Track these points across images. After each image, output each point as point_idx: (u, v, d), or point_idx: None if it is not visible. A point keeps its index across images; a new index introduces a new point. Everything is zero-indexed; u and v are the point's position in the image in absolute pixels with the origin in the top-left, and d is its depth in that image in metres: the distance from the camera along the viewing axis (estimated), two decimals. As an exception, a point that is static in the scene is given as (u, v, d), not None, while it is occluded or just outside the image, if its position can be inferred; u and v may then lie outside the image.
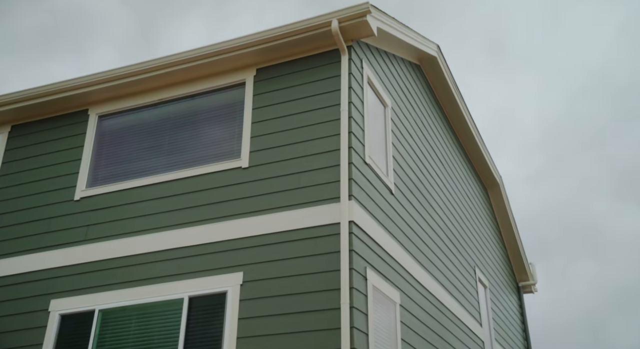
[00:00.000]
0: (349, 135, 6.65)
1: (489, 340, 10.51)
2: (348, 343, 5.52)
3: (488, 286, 11.38)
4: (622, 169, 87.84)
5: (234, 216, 6.77)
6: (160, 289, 6.69)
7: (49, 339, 6.89)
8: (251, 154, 7.09)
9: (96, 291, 7.00)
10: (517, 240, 14.20)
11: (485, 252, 12.03)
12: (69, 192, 7.92)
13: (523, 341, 13.63)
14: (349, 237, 6.07)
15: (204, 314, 6.41)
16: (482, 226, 12.26)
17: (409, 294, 7.31)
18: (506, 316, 12.47)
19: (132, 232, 7.21)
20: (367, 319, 5.96)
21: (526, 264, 14.46)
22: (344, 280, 5.84)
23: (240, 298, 6.26)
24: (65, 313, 7.03)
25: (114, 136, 8.18)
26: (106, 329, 6.75)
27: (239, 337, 6.05)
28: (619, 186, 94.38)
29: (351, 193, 6.33)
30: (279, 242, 6.42)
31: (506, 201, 13.90)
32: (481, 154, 12.34)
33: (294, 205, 6.55)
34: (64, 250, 7.45)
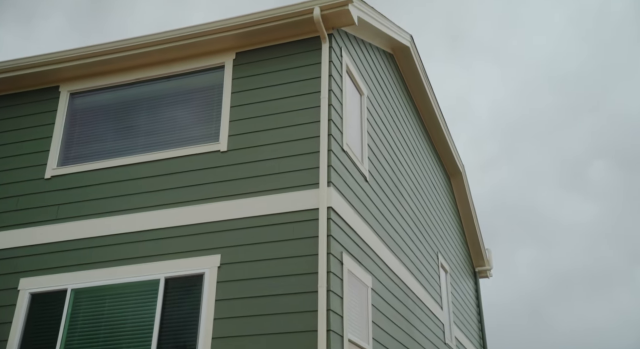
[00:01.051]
0: (329, 122, 6.77)
1: (448, 323, 10.93)
2: (324, 324, 5.71)
3: (449, 271, 11.79)
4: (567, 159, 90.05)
5: (212, 199, 6.83)
6: (136, 269, 6.71)
7: (19, 318, 6.83)
8: (230, 138, 7.13)
9: (69, 270, 6.96)
10: (475, 227, 14.69)
11: (447, 238, 12.43)
12: (39, 170, 7.80)
13: (478, 323, 14.19)
14: (327, 223, 6.23)
15: (181, 296, 6.48)
16: (444, 213, 12.64)
17: (380, 279, 7.55)
18: (464, 299, 12.96)
19: (106, 212, 7.17)
20: (342, 302, 6.16)
21: (483, 250, 15.00)
22: (322, 264, 6.01)
23: (217, 280, 6.36)
24: (35, 292, 6.97)
25: (86, 114, 8.06)
26: (79, 309, 6.73)
27: (215, 318, 6.15)
28: (563, 176, 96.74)
29: (330, 180, 6.48)
30: (257, 226, 6.52)
31: (467, 189, 14.35)
32: (446, 143, 12.68)
33: (273, 190, 6.65)
34: (34, 229, 7.35)
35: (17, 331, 6.73)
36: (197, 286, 6.44)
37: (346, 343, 6.02)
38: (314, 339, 5.68)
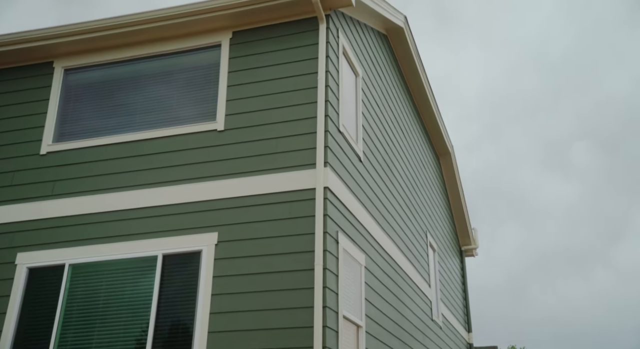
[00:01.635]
0: (326, 104, 6.85)
1: (435, 300, 11.20)
2: (321, 301, 5.87)
3: (437, 250, 12.03)
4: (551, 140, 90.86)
5: (210, 178, 6.91)
6: (134, 246, 6.81)
7: (17, 292, 6.90)
8: (227, 117, 7.19)
9: (66, 246, 7.03)
10: (463, 207, 14.94)
11: (435, 218, 12.65)
12: (34, 146, 7.80)
13: (463, 300, 14.53)
14: (324, 203, 6.36)
15: (178, 272, 6.60)
16: (433, 192, 12.84)
17: (373, 257, 7.73)
18: (450, 277, 13.25)
19: (103, 189, 7.23)
20: (338, 280, 6.32)
21: (469, 230, 15.28)
22: (318, 243, 6.15)
23: (215, 257, 6.47)
24: (33, 267, 7.04)
25: (81, 91, 8.05)
26: (77, 284, 6.83)
27: (213, 294, 6.29)
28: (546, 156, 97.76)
29: (326, 160, 6.58)
30: (254, 205, 6.63)
31: (456, 169, 14.55)
32: (437, 123, 12.81)
33: (270, 169, 6.75)
34: (30, 204, 7.39)
35: (15, 305, 6.82)
36: (194, 263, 6.55)
37: (341, 320, 6.20)
38: (310, 315, 5.84)
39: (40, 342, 6.58)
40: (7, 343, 6.62)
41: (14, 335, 6.69)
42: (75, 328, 6.59)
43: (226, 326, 6.08)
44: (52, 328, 6.58)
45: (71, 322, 6.62)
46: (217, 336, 6.06)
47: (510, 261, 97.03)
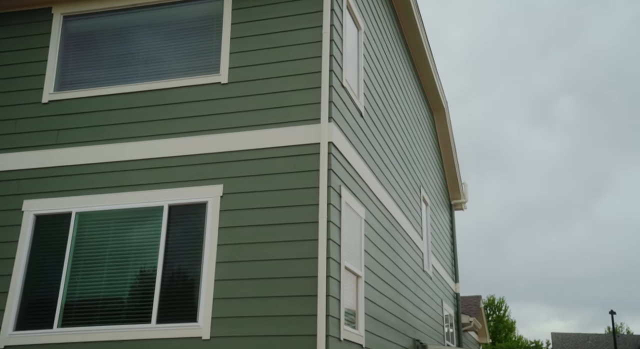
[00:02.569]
0: (330, 58, 6.88)
1: (426, 252, 11.56)
2: (325, 252, 6.09)
3: (429, 204, 12.32)
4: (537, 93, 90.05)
5: (214, 131, 6.98)
6: (140, 196, 6.93)
7: (25, 238, 7.03)
8: (230, 70, 7.20)
9: (72, 194, 7.13)
10: (454, 161, 15.18)
11: (429, 172, 12.88)
12: (36, 94, 7.77)
13: (451, 252, 14.98)
14: (328, 158, 6.49)
15: (184, 223, 6.76)
16: (427, 147, 13.02)
17: (371, 211, 7.95)
18: (440, 230, 13.61)
19: (108, 139, 7.28)
20: (340, 232, 6.53)
21: (460, 184, 15.58)
22: (323, 197, 6.31)
23: (220, 209, 6.63)
24: (40, 214, 7.16)
25: (81, 39, 7.96)
26: (84, 232, 6.97)
27: (219, 244, 6.48)
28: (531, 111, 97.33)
29: (331, 115, 6.67)
30: (259, 158, 6.75)
31: (449, 124, 14.70)
32: (432, 78, 12.87)
33: (274, 124, 6.83)
34: (35, 152, 7.44)
35: (24, 250, 6.96)
36: (200, 214, 6.71)
37: (343, 270, 6.45)
38: (315, 265, 6.07)
39: (50, 286, 6.77)
40: (17, 286, 6.80)
41: (23, 279, 6.86)
42: (83, 274, 6.78)
43: (232, 275, 6.30)
44: (61, 274, 6.76)
45: (79, 268, 6.80)
46: (223, 284, 6.28)
47: (492, 214, 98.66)
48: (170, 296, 6.44)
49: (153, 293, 6.45)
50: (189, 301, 6.38)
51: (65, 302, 6.66)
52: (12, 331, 6.63)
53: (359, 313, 6.96)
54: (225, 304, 6.19)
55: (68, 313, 6.63)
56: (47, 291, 6.77)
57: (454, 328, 13.74)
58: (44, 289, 6.81)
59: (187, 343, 6.16)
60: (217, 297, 6.25)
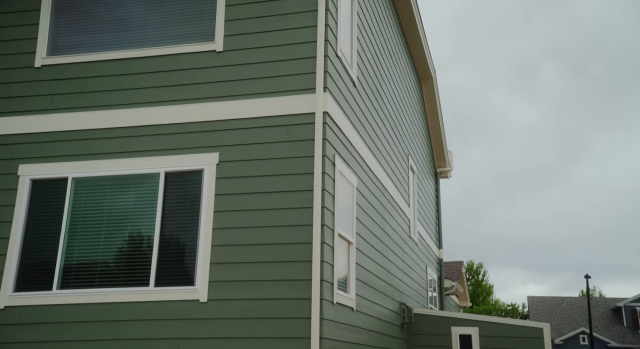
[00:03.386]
0: (326, 28, 6.94)
1: (413, 219, 11.84)
2: (320, 220, 6.28)
3: (416, 172, 12.55)
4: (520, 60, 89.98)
5: (210, 99, 7.05)
6: (136, 163, 7.02)
7: (21, 202, 7.11)
8: (226, 38, 7.22)
9: (68, 160, 7.19)
10: (441, 130, 15.38)
11: (416, 141, 13.07)
12: (28, 58, 7.73)
13: (436, 220, 15.32)
14: (323, 128, 6.62)
15: (181, 190, 6.88)
16: (415, 116, 13.18)
17: (363, 179, 8.13)
18: (426, 198, 13.89)
19: (103, 106, 7.31)
20: (334, 201, 6.72)
21: (446, 153, 15.83)
22: (318, 166, 6.47)
23: (217, 177, 6.75)
24: (36, 179, 7.22)
25: (75, 3, 7.88)
26: (81, 197, 7.07)
27: (216, 211, 6.63)
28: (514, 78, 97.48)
29: (326, 85, 6.77)
30: (255, 127, 6.85)
31: (437, 93, 14.84)
32: (422, 47, 12.94)
33: (270, 93, 6.91)
34: (30, 117, 7.45)
35: (21, 214, 7.05)
36: (196, 181, 6.83)
37: (336, 237, 6.66)
38: (310, 232, 6.26)
39: (48, 249, 6.90)
40: (16, 249, 6.92)
41: (22, 242, 6.97)
42: (81, 238, 6.91)
43: (229, 241, 6.47)
44: (60, 238, 6.88)
45: (77, 232, 6.92)
46: (220, 250, 6.46)
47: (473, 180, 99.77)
48: (168, 260, 6.61)
49: (151, 258, 6.61)
50: (186, 266, 6.56)
51: (64, 265, 6.80)
52: (12, 292, 6.78)
53: (350, 278, 7.21)
54: (222, 269, 6.39)
55: (67, 276, 6.78)
56: (46, 254, 6.90)
57: (437, 293, 14.18)
58: (42, 253, 6.94)
59: (185, 305, 6.37)
60: (214, 262, 6.44)
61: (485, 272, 52.99)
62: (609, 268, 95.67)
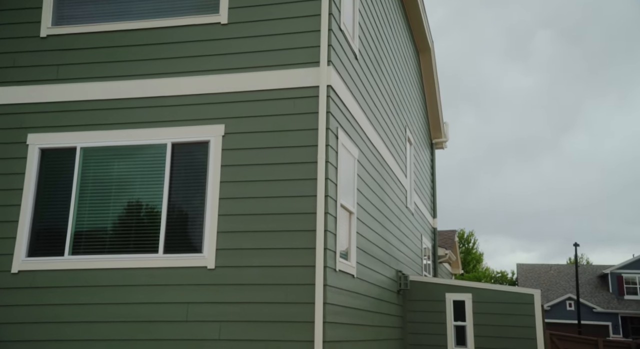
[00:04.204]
0: (330, 1, 7.03)
1: (409, 189, 12.10)
2: (323, 191, 6.50)
3: (413, 143, 12.76)
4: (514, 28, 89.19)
5: (214, 71, 7.17)
6: (143, 133, 7.18)
7: (31, 170, 7.27)
8: (230, 10, 7.30)
9: (76, 129, 7.34)
10: (437, 102, 15.53)
11: (413, 112, 13.24)
12: (33, 28, 7.79)
13: (431, 190, 15.60)
14: (327, 101, 6.79)
15: (187, 160, 7.07)
16: (412, 88, 13.32)
17: (363, 151, 8.34)
18: (422, 168, 14.15)
19: (108, 76, 7.42)
20: (337, 172, 6.94)
21: (442, 124, 16.02)
22: (321, 138, 6.66)
23: (222, 148, 6.94)
24: (45, 147, 7.38)
25: (79, -29, 7.90)
26: (89, 166, 7.24)
27: (222, 181, 6.83)
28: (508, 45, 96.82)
29: (329, 59, 6.91)
30: (260, 99, 7.00)
31: (434, 65, 14.94)
32: (420, 18, 13.00)
33: (274, 66, 7.05)
34: (36, 87, 7.56)
35: (31, 182, 7.22)
36: (202, 152, 7.01)
37: (338, 207, 6.90)
38: (314, 202, 6.49)
39: (59, 217, 7.10)
40: (27, 216, 7.12)
41: (33, 209, 7.17)
42: (90, 206, 7.11)
43: (235, 210, 6.70)
44: (70, 206, 7.08)
45: (86, 200, 7.12)
46: (226, 219, 6.69)
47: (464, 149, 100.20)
48: (175, 228, 6.84)
49: (159, 225, 6.83)
50: (194, 234, 6.80)
51: (74, 232, 7.02)
52: (25, 257, 7.01)
53: (351, 247, 7.49)
54: (229, 237, 6.63)
55: (78, 242, 7.01)
56: (57, 221, 7.11)
57: (430, 260, 14.56)
58: (53, 219, 7.14)
59: (193, 271, 6.63)
60: (220, 230, 6.68)
61: (475, 240, 53.82)
62: (596, 235, 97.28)
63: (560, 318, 41.48)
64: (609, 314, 42.26)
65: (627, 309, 42.23)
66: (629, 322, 42.01)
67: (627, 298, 43.16)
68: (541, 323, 9.98)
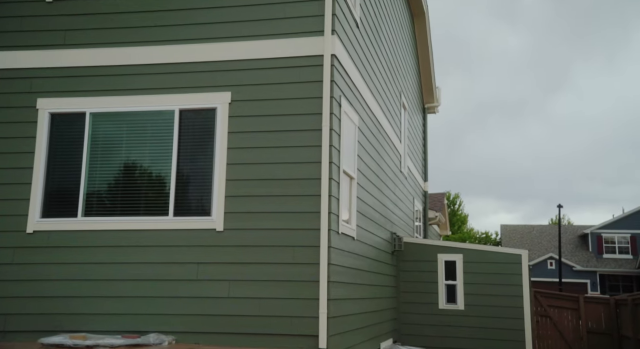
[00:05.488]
0: (334, -29, 7.17)
1: (403, 154, 12.44)
2: (327, 157, 6.80)
3: (407, 109, 13.02)
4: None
5: (221, 39, 7.33)
6: (151, 100, 7.38)
7: (42, 134, 7.46)
8: (236, -23, 7.41)
9: (85, 95, 7.51)
10: (431, 66, 15.72)
11: (408, 78, 13.46)
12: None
13: (422, 154, 15.96)
14: (331, 70, 7.01)
15: (195, 127, 7.29)
16: (407, 53, 13.49)
17: (363, 118, 8.61)
18: (415, 133, 14.46)
19: (115, 43, 7.55)
20: (340, 139, 7.22)
21: (434, 89, 16.25)
22: (326, 107, 6.91)
23: (229, 115, 7.17)
24: (54, 112, 7.55)
25: None
26: (98, 131, 7.45)
27: (229, 148, 7.09)
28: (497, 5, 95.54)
29: (334, 28, 7.10)
30: (265, 68, 7.20)
31: (428, 30, 15.07)
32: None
33: (280, 34, 7.22)
34: (44, 52, 7.67)
35: (43, 146, 7.42)
36: (210, 119, 7.24)
37: (341, 173, 7.22)
38: (319, 168, 6.79)
39: (71, 179, 7.35)
40: (39, 178, 7.35)
41: (45, 172, 7.40)
42: (101, 170, 7.35)
43: (242, 175, 6.98)
44: (81, 169, 7.31)
45: (97, 164, 7.36)
46: (234, 184, 6.98)
47: (449, 111, 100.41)
48: (185, 192, 7.12)
49: (169, 189, 7.11)
50: (202, 198, 7.09)
51: (86, 194, 7.28)
52: (39, 218, 7.28)
53: (351, 210, 7.84)
54: (237, 201, 6.93)
55: (90, 204, 7.28)
56: (69, 183, 7.35)
57: (421, 222, 15.04)
58: (65, 182, 7.38)
59: (202, 233, 6.95)
60: (228, 195, 6.97)
61: (461, 202, 54.74)
62: (578, 197, 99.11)
63: (542, 276, 42.81)
64: (588, 272, 43.69)
65: (606, 267, 43.68)
66: (607, 279, 43.55)
67: (605, 256, 44.57)
68: (527, 282, 10.52)
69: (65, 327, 6.89)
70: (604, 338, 13.89)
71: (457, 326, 10.47)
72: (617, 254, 44.44)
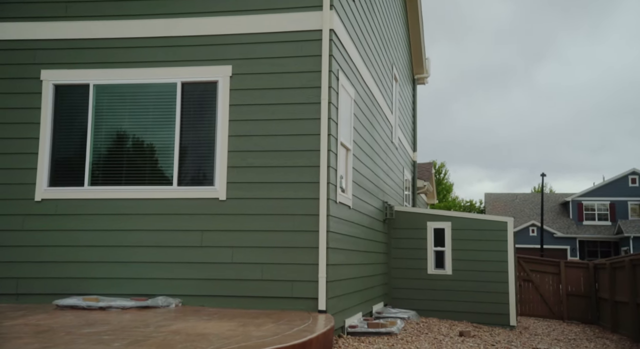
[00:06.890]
0: (333, -53, 7.33)
1: (394, 125, 12.74)
2: (326, 130, 7.08)
3: (398, 81, 13.28)
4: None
5: (223, 13, 7.51)
6: (153, 72, 7.57)
7: (47, 105, 7.65)
8: (236, -49, 7.54)
9: (88, 67, 7.68)
10: (421, 38, 15.91)
11: (399, 49, 13.66)
12: (38, -37, 7.90)
13: (412, 124, 16.28)
14: (330, 44, 7.24)
15: (197, 99, 7.52)
16: (399, 25, 13.67)
17: (359, 91, 8.88)
18: (405, 104, 14.74)
19: (117, 15, 7.69)
20: (337, 112, 7.50)
21: (424, 60, 16.47)
22: (324, 80, 7.17)
23: (230, 88, 7.40)
24: (58, 84, 7.73)
25: None
26: (102, 103, 7.65)
27: (231, 120, 7.35)
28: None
29: (332, 3, 7.30)
30: (265, 42, 7.41)
31: (419, 1, 15.21)
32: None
33: (280, 9, 7.42)
34: (46, 24, 7.79)
35: (48, 117, 7.62)
36: (211, 91, 7.47)
37: (339, 145, 7.52)
38: (318, 140, 7.08)
39: (76, 149, 7.58)
40: (46, 148, 7.57)
41: (51, 142, 7.61)
42: (105, 141, 7.58)
43: (243, 147, 7.26)
44: (86, 139, 7.53)
45: (101, 135, 7.58)
46: (235, 155, 7.26)
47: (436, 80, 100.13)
48: (188, 163, 7.40)
49: (173, 160, 7.38)
50: (205, 168, 7.37)
51: (92, 164, 7.53)
52: (46, 186, 7.52)
53: (347, 180, 8.18)
54: (239, 172, 7.23)
55: (95, 174, 7.53)
56: (75, 153, 7.58)
57: (409, 191, 15.45)
58: (71, 152, 7.61)
59: (205, 202, 7.26)
60: (230, 165, 7.26)
61: (446, 171, 55.41)
62: (561, 165, 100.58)
63: (524, 243, 43.89)
64: (568, 238, 44.88)
65: (585, 233, 44.89)
66: (586, 245, 44.79)
67: (585, 223, 45.75)
68: (512, 248, 11.01)
69: (76, 290, 7.22)
70: (582, 300, 14.57)
71: (445, 290, 10.97)
72: (597, 221, 45.63)
